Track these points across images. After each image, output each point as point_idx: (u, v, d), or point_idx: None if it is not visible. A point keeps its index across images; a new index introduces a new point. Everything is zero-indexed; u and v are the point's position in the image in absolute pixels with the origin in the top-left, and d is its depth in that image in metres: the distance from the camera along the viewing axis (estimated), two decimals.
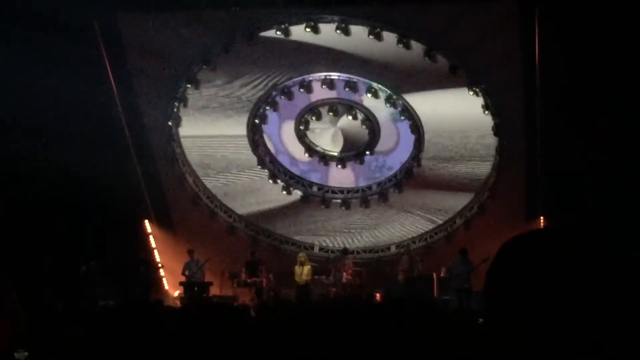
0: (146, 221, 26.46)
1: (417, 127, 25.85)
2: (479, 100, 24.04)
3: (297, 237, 27.90)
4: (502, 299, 2.02)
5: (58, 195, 21.67)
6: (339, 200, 27.71)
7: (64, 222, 22.06)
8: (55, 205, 21.90)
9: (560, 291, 1.91)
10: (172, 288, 26.07)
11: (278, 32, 23.58)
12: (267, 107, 26.29)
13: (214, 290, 24.37)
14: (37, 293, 18.26)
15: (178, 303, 23.99)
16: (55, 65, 20.57)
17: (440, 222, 27.03)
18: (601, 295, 1.89)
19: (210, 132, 26.31)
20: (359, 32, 23.46)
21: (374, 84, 25.29)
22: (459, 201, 26.63)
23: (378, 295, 24.01)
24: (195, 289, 23.93)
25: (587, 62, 20.06)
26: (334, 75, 25.34)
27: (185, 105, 25.31)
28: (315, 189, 27.81)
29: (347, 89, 25.47)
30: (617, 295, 1.89)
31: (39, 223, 21.59)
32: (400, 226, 27.49)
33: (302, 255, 25.08)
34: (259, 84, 25.52)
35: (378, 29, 23.24)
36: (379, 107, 26.07)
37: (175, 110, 25.30)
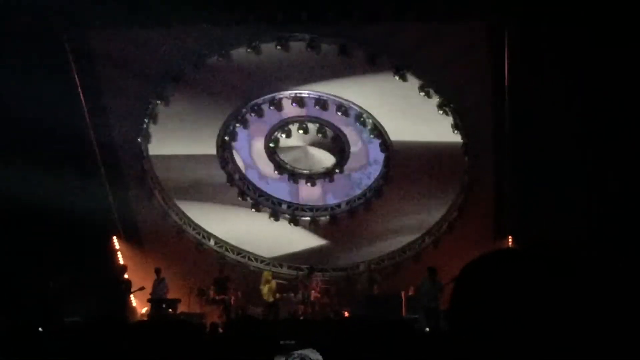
0: (114, 238, 26.33)
1: (386, 146, 25.93)
2: (449, 120, 24.15)
3: (266, 255, 27.87)
4: (464, 318, 2.03)
5: (26, 211, 21.50)
6: (308, 218, 27.72)
7: (31, 237, 21.88)
8: (23, 221, 21.73)
9: (521, 311, 1.93)
10: (139, 305, 25.92)
11: (249, 50, 23.58)
12: (237, 125, 26.27)
13: (182, 307, 24.25)
14: (3, 309, 18.12)
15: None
16: (24, 80, 20.43)
17: (409, 240, 27.08)
18: (563, 315, 1.90)
19: (180, 148, 26.25)
20: (330, 50, 23.51)
21: (344, 102, 25.36)
22: (427, 220, 26.71)
23: (346, 313, 24.02)
24: (163, 305, 23.81)
25: (556, 83, 20.21)
26: (304, 92, 25.39)
27: (155, 122, 25.24)
28: (284, 206, 27.82)
29: (317, 107, 25.52)
30: (579, 315, 1.91)
31: (5, 238, 21.42)
32: (368, 244, 27.51)
33: (267, 273, 25.10)
34: (229, 101, 25.51)
35: (348, 48, 23.29)
36: (349, 125, 26.18)
37: (145, 126, 25.22)
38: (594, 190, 20.48)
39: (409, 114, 24.90)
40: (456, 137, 24.41)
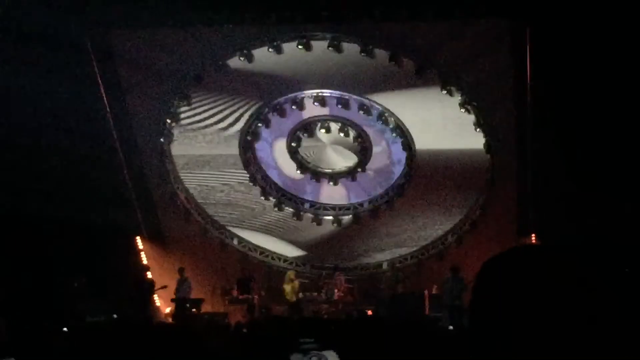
0: (138, 238, 26.42)
1: (408, 145, 25.87)
2: (471, 118, 24.07)
3: (289, 254, 27.90)
4: (485, 315, 2.03)
5: (50, 210, 21.62)
6: (330, 217, 27.71)
7: (55, 237, 22.01)
8: (47, 220, 21.85)
9: (541, 308, 1.92)
10: (163, 304, 26.00)
11: (270, 50, 23.58)
12: (259, 124, 26.27)
13: (206, 307, 24.32)
14: (26, 308, 18.25)
15: (169, 320, 23.96)
16: (48, 81, 20.57)
17: (432, 239, 27.03)
18: (582, 313, 1.89)
19: (202, 148, 26.29)
20: (351, 49, 23.48)
21: (366, 101, 25.31)
22: (451, 218, 26.65)
23: (369, 312, 24.01)
24: (187, 305, 23.89)
25: (577, 80, 20.11)
26: (326, 92, 25.35)
27: (177, 122, 25.29)
28: (307, 205, 27.81)
29: (339, 106, 25.47)
30: (598, 314, 1.90)
31: (30, 238, 21.55)
32: (391, 243, 27.49)
33: (291, 273, 25.12)
34: (251, 100, 25.52)
35: (370, 46, 23.26)
36: (370, 124, 26.14)
37: (167, 126, 25.27)
38: (618, 187, 20.38)
39: (431, 112, 24.83)
40: (478, 135, 24.31)
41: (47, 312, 19.34)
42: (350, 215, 27.73)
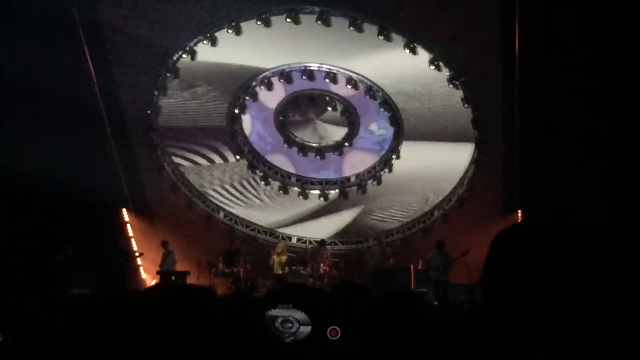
0: (124, 210, 26.37)
1: (396, 119, 25.86)
2: (459, 93, 24.04)
3: (275, 228, 27.91)
4: (499, 290, 2.01)
5: (35, 183, 21.51)
6: (317, 192, 27.72)
7: (40, 209, 21.91)
8: (32, 192, 21.74)
9: (556, 282, 1.91)
10: (149, 277, 26.00)
11: (259, 23, 23.48)
12: (247, 97, 26.22)
13: (191, 280, 24.30)
14: (11, 281, 18.17)
15: None
16: (33, 49, 20.39)
17: (418, 214, 27.07)
18: (597, 289, 1.88)
19: (189, 121, 26.22)
20: (340, 23, 23.40)
21: (354, 76, 25.27)
22: (437, 194, 26.69)
23: None
24: (173, 278, 23.88)
25: (566, 56, 20.10)
26: (314, 66, 25.29)
27: (164, 94, 25.18)
28: (293, 179, 27.81)
29: (327, 80, 25.43)
30: (613, 289, 1.89)
31: (14, 211, 21.46)
32: (378, 218, 27.52)
33: (280, 246, 25.09)
34: (239, 73, 25.44)
35: (359, 21, 23.18)
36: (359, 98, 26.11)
37: (154, 98, 25.17)
38: (604, 163, 20.40)
39: (419, 87, 24.81)
40: (466, 111, 24.30)
41: (32, 284, 19.27)
42: (337, 190, 27.74)
